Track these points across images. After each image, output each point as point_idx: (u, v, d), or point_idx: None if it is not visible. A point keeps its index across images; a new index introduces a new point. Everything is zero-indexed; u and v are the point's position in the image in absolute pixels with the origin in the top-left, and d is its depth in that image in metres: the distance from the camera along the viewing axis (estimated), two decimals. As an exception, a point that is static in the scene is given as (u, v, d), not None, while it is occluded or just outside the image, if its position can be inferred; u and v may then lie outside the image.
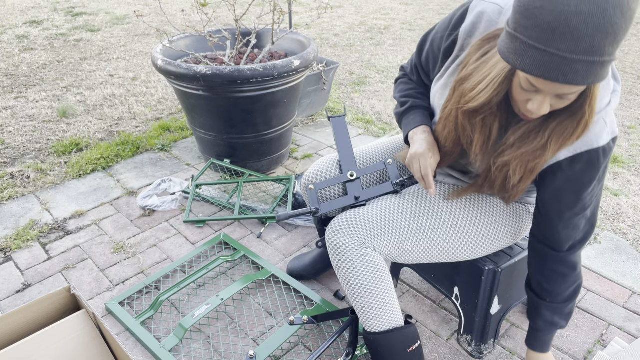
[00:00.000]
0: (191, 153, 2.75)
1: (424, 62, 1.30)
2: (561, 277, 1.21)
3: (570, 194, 1.09)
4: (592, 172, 1.06)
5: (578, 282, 1.23)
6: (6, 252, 1.99)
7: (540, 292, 1.25)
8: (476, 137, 1.09)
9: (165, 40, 2.48)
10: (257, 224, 2.16)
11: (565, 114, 0.98)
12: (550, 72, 0.82)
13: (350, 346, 1.45)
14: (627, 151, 2.80)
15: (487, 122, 1.07)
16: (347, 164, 1.39)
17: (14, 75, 3.94)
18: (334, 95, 3.60)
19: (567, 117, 0.97)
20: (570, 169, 1.07)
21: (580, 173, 1.06)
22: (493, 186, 1.16)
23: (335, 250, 1.25)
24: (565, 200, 1.11)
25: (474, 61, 1.03)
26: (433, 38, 1.24)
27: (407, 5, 6.64)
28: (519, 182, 1.10)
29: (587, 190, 1.09)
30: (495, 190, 1.17)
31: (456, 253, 1.30)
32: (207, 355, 1.55)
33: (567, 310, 1.26)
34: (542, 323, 1.28)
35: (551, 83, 0.86)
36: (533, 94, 0.93)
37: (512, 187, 1.12)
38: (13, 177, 2.51)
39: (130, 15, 5.93)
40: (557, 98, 0.91)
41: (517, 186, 1.11)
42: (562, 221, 1.14)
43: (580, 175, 1.06)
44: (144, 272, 1.88)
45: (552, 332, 1.29)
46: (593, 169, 1.06)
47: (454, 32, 1.15)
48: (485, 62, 1.00)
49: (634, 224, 2.16)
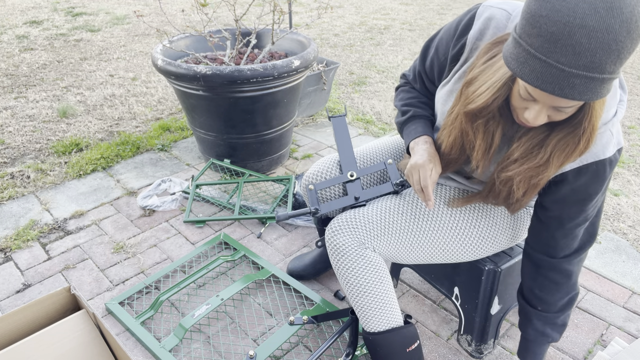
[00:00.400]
0: (191, 153, 2.75)
1: (428, 69, 1.28)
2: (554, 285, 1.20)
3: (574, 205, 1.09)
4: (597, 184, 1.06)
5: (573, 293, 1.22)
6: (6, 252, 1.99)
7: (532, 299, 1.24)
8: (478, 143, 1.08)
9: (165, 40, 2.48)
10: (257, 224, 2.16)
11: (566, 129, 0.97)
12: (547, 84, 0.81)
13: (350, 346, 1.45)
14: (627, 151, 2.80)
15: (489, 129, 1.06)
16: (347, 164, 1.39)
17: (14, 75, 3.95)
18: (334, 95, 3.60)
19: (568, 133, 0.96)
20: (575, 181, 1.06)
21: (585, 184, 1.06)
22: (497, 198, 1.16)
23: (334, 251, 1.25)
24: (568, 210, 1.10)
25: (480, 64, 1.02)
26: (437, 44, 1.22)
27: (407, 5, 6.64)
28: (522, 196, 1.09)
29: (591, 201, 1.08)
30: (500, 202, 1.17)
31: (456, 254, 1.30)
32: (207, 355, 1.55)
33: (560, 321, 1.25)
34: (532, 332, 1.27)
35: (547, 94, 0.85)
36: (530, 102, 0.92)
37: (517, 200, 1.12)
38: (13, 177, 2.51)
39: (130, 15, 5.93)
40: (554, 110, 0.91)
41: (521, 200, 1.11)
42: (562, 230, 1.13)
43: (586, 186, 1.06)
44: (144, 272, 1.88)
45: (543, 344, 1.28)
46: (599, 180, 1.05)
47: (462, 39, 1.13)
48: (490, 66, 1.00)
49: (634, 224, 2.16)
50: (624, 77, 3.94)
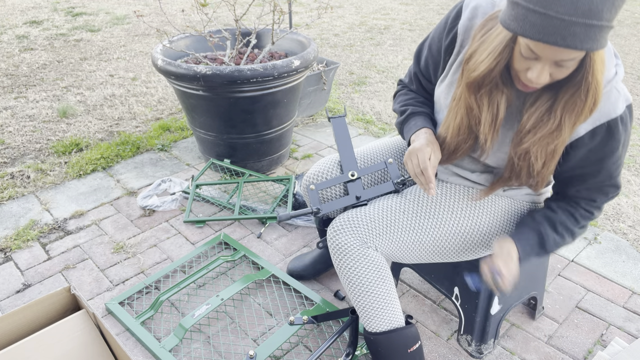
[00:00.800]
0: (191, 153, 2.75)
1: (424, 68, 1.31)
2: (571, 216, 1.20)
3: (594, 164, 1.11)
4: (613, 142, 1.07)
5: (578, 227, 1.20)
6: (6, 252, 1.99)
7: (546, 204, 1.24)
8: (484, 116, 1.10)
9: (165, 40, 2.48)
10: (257, 224, 2.16)
11: (571, 89, 0.99)
12: (549, 36, 0.84)
13: (350, 346, 1.45)
14: (627, 151, 2.80)
15: (493, 99, 1.08)
16: (347, 164, 1.39)
17: (14, 75, 3.94)
18: (334, 95, 3.60)
19: (574, 92, 0.99)
20: (591, 142, 1.08)
21: (601, 143, 1.08)
22: (520, 177, 1.16)
23: (336, 250, 1.25)
24: (588, 169, 1.12)
25: (478, 38, 1.06)
26: (430, 43, 1.26)
27: (407, 5, 6.64)
28: (542, 167, 1.11)
29: (610, 159, 1.10)
30: (523, 180, 1.17)
31: (458, 252, 1.30)
32: (207, 355, 1.55)
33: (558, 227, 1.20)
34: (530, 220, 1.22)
35: (550, 47, 0.88)
36: (533, 61, 0.95)
37: (537, 173, 1.13)
38: (13, 177, 2.51)
39: (130, 15, 5.93)
40: (556, 66, 0.93)
41: (541, 172, 1.12)
42: (585, 185, 1.16)
43: (602, 145, 1.08)
44: (144, 272, 1.88)
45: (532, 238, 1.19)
46: (613, 138, 1.07)
47: (453, 30, 1.17)
48: (488, 37, 1.03)
49: (634, 224, 2.16)
50: (623, 78, 3.95)
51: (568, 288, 1.80)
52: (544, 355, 1.54)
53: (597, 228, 2.12)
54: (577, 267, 1.90)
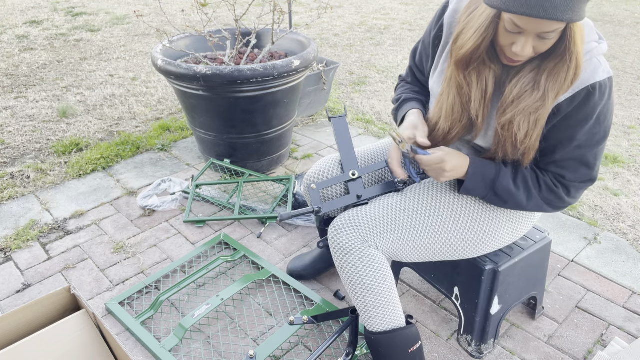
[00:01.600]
0: (191, 153, 2.75)
1: (419, 62, 1.41)
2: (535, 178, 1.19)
3: (565, 130, 1.12)
4: (587, 109, 1.09)
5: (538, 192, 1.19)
6: (6, 252, 1.99)
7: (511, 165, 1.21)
8: (474, 92, 1.14)
9: (165, 40, 2.47)
10: (257, 224, 2.16)
11: (553, 60, 1.04)
12: (532, 8, 0.90)
13: (350, 346, 1.45)
14: (627, 151, 2.80)
15: (481, 76, 1.12)
16: (348, 164, 1.39)
17: (14, 75, 3.94)
18: (334, 95, 3.60)
19: (557, 63, 1.03)
20: (568, 107, 1.10)
21: (576, 109, 1.10)
22: (505, 149, 1.16)
23: (338, 249, 1.25)
24: (559, 137, 1.13)
25: (463, 20, 1.11)
26: (424, 37, 1.36)
27: (407, 5, 6.64)
28: (525, 136, 1.11)
29: (582, 128, 1.10)
30: (508, 151, 1.16)
31: (458, 250, 1.30)
32: (207, 355, 1.54)
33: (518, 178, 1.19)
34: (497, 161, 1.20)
35: (533, 20, 0.94)
36: (517, 35, 1.00)
37: (520, 143, 1.13)
38: (13, 177, 2.51)
39: (130, 15, 5.93)
40: (539, 39, 0.99)
41: (524, 141, 1.12)
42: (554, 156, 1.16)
43: (576, 111, 1.10)
44: (144, 272, 1.88)
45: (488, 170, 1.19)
46: (588, 105, 1.08)
47: (439, 21, 1.26)
48: (472, 17, 1.09)
49: (634, 224, 2.16)
50: (623, 78, 3.94)
51: (568, 288, 1.80)
52: (544, 355, 1.54)
53: (597, 228, 2.12)
54: (577, 267, 1.90)
